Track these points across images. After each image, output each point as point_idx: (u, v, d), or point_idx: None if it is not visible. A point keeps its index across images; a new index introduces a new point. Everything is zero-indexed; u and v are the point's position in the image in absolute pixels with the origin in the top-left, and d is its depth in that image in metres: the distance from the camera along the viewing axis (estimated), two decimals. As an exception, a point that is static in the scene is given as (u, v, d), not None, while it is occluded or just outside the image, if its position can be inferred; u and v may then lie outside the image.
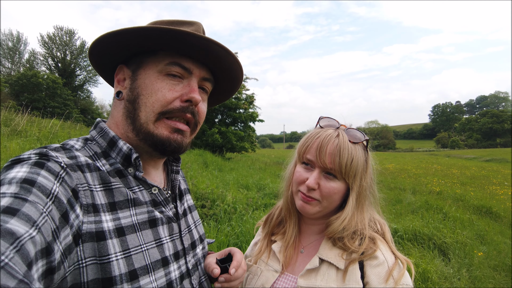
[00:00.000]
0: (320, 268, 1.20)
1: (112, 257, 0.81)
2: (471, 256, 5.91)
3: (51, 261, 0.67)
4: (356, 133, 1.26)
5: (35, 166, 0.77)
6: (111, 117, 1.08)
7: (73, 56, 52.04)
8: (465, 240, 6.69)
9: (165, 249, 0.97)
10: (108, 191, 0.90)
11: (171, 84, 0.99)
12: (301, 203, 1.26)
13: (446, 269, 5.30)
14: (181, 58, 0.99)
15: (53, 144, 0.92)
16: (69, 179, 0.81)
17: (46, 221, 0.68)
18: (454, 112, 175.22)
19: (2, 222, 0.59)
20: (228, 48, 1.01)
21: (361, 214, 1.26)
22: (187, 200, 1.25)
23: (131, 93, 1.00)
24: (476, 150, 77.43)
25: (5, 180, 0.71)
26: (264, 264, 1.36)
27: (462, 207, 10.09)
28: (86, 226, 0.80)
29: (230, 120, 24.70)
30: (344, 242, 1.20)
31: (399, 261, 1.15)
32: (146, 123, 0.97)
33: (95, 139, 1.03)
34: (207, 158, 15.74)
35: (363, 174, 1.25)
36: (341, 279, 1.14)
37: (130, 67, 1.04)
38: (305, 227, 1.38)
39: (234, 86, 1.23)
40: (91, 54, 1.06)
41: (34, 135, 10.41)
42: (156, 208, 1.01)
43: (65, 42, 51.30)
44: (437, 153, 70.06)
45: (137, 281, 0.84)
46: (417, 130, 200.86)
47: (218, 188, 8.56)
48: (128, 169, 0.99)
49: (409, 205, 9.78)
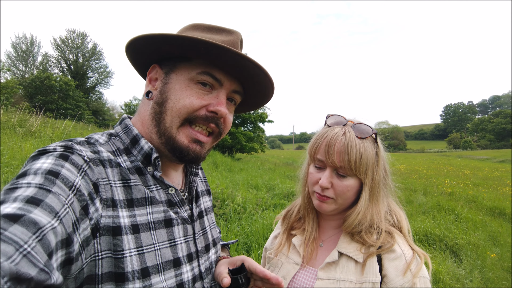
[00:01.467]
0: (339, 261, 1.24)
1: (126, 253, 0.83)
2: (484, 258, 5.82)
3: (70, 252, 0.69)
4: (363, 128, 1.26)
5: (60, 158, 0.79)
6: (137, 114, 1.10)
7: (85, 58, 52.71)
8: (477, 241, 6.59)
9: (178, 250, 0.98)
10: (127, 188, 0.91)
11: (201, 93, 0.99)
12: (317, 203, 1.29)
13: (458, 270, 5.24)
14: (214, 69, 1.00)
15: (78, 138, 0.94)
16: (91, 173, 0.83)
17: (68, 213, 0.70)
18: (466, 112, 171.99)
19: (26, 211, 0.61)
20: (261, 66, 1.01)
21: (376, 207, 1.27)
22: (203, 202, 1.24)
23: (160, 96, 1.01)
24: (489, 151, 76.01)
25: (31, 170, 0.73)
26: (284, 257, 1.39)
27: (474, 208, 9.93)
28: (104, 220, 0.82)
29: (240, 120, 24.72)
30: (362, 236, 1.23)
31: (416, 255, 1.17)
32: (170, 127, 0.98)
33: (119, 134, 1.05)
34: (217, 158, 15.78)
35: (375, 168, 1.25)
36: (360, 271, 1.18)
37: (164, 69, 1.05)
38: (323, 222, 1.42)
39: (263, 101, 1.23)
40: (127, 50, 1.07)
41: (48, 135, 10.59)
42: (171, 209, 1.02)
43: (77, 45, 52.01)
44: (449, 154, 68.91)
45: (149, 279, 0.86)
46: (428, 130, 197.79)
47: (228, 188, 8.59)
48: (148, 168, 1.01)
49: (420, 206, 9.65)
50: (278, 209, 7.65)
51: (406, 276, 1.11)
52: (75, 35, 51.82)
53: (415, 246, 1.22)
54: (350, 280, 1.17)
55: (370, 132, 1.25)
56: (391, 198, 1.36)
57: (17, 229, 0.57)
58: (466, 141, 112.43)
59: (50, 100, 35.67)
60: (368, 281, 1.14)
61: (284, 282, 1.28)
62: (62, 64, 52.05)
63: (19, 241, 0.56)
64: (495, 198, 11.70)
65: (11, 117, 11.37)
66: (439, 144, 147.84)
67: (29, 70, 49.56)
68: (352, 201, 1.29)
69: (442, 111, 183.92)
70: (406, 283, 1.10)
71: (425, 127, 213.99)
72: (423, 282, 1.11)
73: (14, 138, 8.82)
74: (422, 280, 1.12)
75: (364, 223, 1.24)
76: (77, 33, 51.90)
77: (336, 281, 1.19)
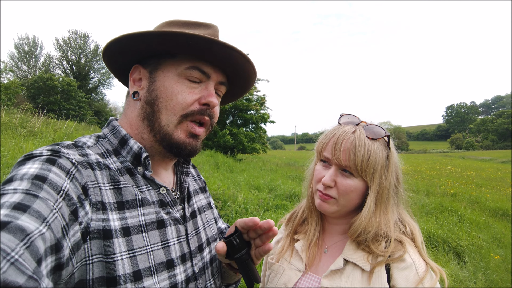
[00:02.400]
0: (345, 269, 1.17)
1: (117, 256, 0.82)
2: (488, 260, 5.77)
3: (60, 257, 0.68)
4: (375, 129, 1.21)
5: (47, 163, 0.78)
6: (124, 116, 1.09)
7: (87, 59, 52.86)
8: (481, 243, 6.55)
9: (171, 251, 0.97)
10: (117, 190, 0.90)
11: (191, 87, 1.00)
12: (318, 202, 1.24)
13: (462, 272, 5.20)
14: (200, 63, 1.01)
15: (65, 141, 0.93)
16: (79, 176, 0.82)
17: (56, 218, 0.68)
18: (469, 113, 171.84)
19: (13, 218, 0.59)
20: (247, 56, 1.02)
21: (385, 215, 1.20)
22: (196, 201, 1.23)
23: (149, 95, 1.01)
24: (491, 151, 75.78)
25: (17, 176, 0.72)
26: (286, 263, 1.33)
27: (477, 209, 9.88)
28: (94, 223, 0.80)
29: (241, 121, 24.72)
30: (368, 245, 1.16)
31: (430, 269, 1.10)
32: (167, 125, 0.99)
33: (107, 136, 1.04)
34: (218, 159, 15.78)
35: (384, 172, 1.19)
36: (367, 281, 1.11)
37: (147, 68, 1.04)
38: (328, 227, 1.36)
39: (246, 89, 1.25)
40: (105, 54, 1.06)
41: (50, 136, 10.61)
42: (163, 209, 1.01)
43: (80, 46, 52.18)
44: (451, 154, 68.70)
45: (141, 282, 0.84)
46: (430, 131, 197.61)
47: (230, 188, 8.57)
48: (138, 168, 1.00)
49: (423, 207, 9.61)
50: (280, 210, 7.63)
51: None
52: (77, 36, 51.98)
53: (429, 259, 1.14)
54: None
55: (382, 134, 1.20)
56: (403, 208, 1.29)
57: (4, 237, 0.55)
58: (469, 141, 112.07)
59: (52, 100, 35.78)
60: None
61: None
62: (65, 65, 52.27)
63: (6, 248, 0.54)
64: (499, 199, 11.63)
65: (13, 117, 11.40)
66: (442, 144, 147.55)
67: (32, 71, 49.74)
68: (356, 205, 1.23)
69: (444, 111, 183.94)
70: None
71: (427, 127, 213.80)
72: None
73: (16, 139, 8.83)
74: None
75: (370, 231, 1.16)
76: (79, 34, 52.07)
77: None
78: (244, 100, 23.23)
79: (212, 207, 1.37)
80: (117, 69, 1.15)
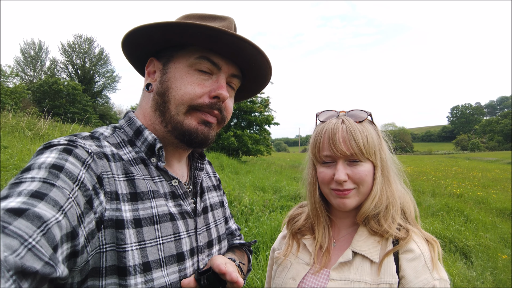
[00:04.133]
0: (354, 261, 1.17)
1: (128, 247, 0.83)
2: (495, 259, 5.72)
3: (76, 245, 0.70)
4: (358, 113, 1.24)
5: (64, 152, 0.80)
6: (139, 108, 1.11)
7: (92, 63, 53.27)
8: (488, 243, 6.50)
9: (182, 244, 0.97)
10: (131, 181, 0.91)
11: (201, 79, 1.00)
12: (338, 201, 1.20)
13: (469, 272, 5.16)
14: (210, 53, 1.00)
15: (83, 132, 0.95)
16: (95, 166, 0.84)
17: (72, 206, 0.70)
18: (474, 114, 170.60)
19: (31, 205, 0.61)
20: (258, 47, 1.00)
21: (390, 187, 1.23)
22: (209, 197, 1.23)
23: (160, 86, 1.02)
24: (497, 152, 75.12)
25: (35, 165, 0.74)
26: (294, 257, 1.32)
27: (484, 210, 9.80)
28: (108, 213, 0.82)
29: (246, 123, 24.73)
30: (379, 220, 1.18)
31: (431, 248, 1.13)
32: (176, 115, 0.99)
33: (122, 127, 1.06)
34: (223, 161, 15.80)
35: (381, 147, 1.23)
36: (376, 272, 1.11)
37: (161, 60, 1.05)
38: (337, 221, 1.34)
39: (262, 84, 1.23)
40: (123, 46, 1.08)
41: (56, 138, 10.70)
42: (174, 201, 1.01)
43: (84, 50, 52.62)
44: (457, 155, 68.27)
45: (150, 274, 0.86)
46: (435, 132, 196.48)
47: (235, 190, 8.58)
48: (151, 159, 1.01)
49: (429, 207, 9.56)
50: (285, 211, 7.62)
51: (425, 278, 1.05)
52: (82, 40, 52.47)
53: (424, 233, 1.19)
54: (365, 281, 1.10)
55: (365, 115, 1.23)
56: (398, 179, 1.31)
57: (22, 223, 0.57)
58: (474, 142, 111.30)
59: (57, 104, 36.05)
60: (385, 282, 1.07)
61: (294, 283, 1.24)
62: (70, 69, 52.76)
63: (24, 235, 0.56)
64: (505, 200, 11.53)
65: (20, 120, 11.51)
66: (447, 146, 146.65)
67: (37, 75, 50.20)
68: (370, 188, 1.22)
69: (449, 112, 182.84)
70: (426, 285, 1.03)
71: (432, 128, 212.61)
72: (443, 286, 1.05)
73: (23, 141, 8.92)
74: (442, 283, 1.05)
75: (380, 205, 1.19)
76: (84, 38, 52.55)
77: (350, 282, 1.12)
78: (248, 102, 23.23)
79: (224, 205, 1.36)
80: (136, 62, 1.17)
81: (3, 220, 0.56)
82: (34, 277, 0.54)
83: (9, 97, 20.66)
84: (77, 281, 0.77)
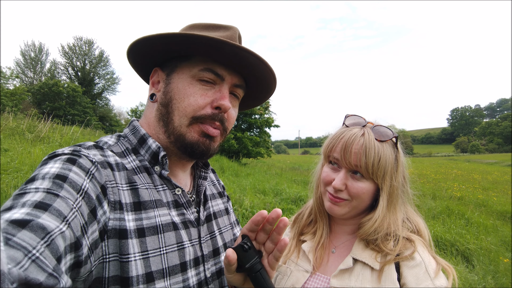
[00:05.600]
0: (354, 268, 1.16)
1: (131, 257, 0.83)
2: (497, 263, 5.71)
3: (79, 255, 0.69)
4: (383, 130, 1.21)
5: (68, 162, 0.80)
6: (144, 117, 1.11)
7: (92, 65, 53.39)
8: (489, 246, 6.48)
9: (185, 253, 0.97)
10: (134, 191, 0.91)
11: (203, 89, 0.99)
12: (329, 204, 1.22)
13: (471, 275, 5.15)
14: (214, 65, 1.00)
15: (87, 142, 0.95)
16: (98, 176, 0.84)
17: (76, 217, 0.70)
18: (474, 116, 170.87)
19: (34, 217, 0.61)
20: (262, 57, 1.00)
21: (394, 215, 1.20)
22: (213, 205, 1.22)
23: (164, 97, 1.02)
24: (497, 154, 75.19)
25: (39, 175, 0.74)
26: (294, 264, 1.31)
27: (485, 213, 9.79)
28: (112, 222, 0.82)
29: (246, 125, 24.76)
30: (378, 244, 1.15)
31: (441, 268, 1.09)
32: (179, 127, 0.99)
33: (127, 136, 1.06)
34: (223, 163, 15.80)
35: (394, 174, 1.19)
36: (376, 279, 1.10)
37: (165, 71, 1.06)
38: (336, 227, 1.34)
39: (267, 94, 1.22)
40: (129, 56, 1.08)
41: (57, 141, 10.69)
42: (177, 210, 1.01)
43: (85, 52, 52.75)
44: (457, 158, 68.25)
45: (153, 284, 0.85)
46: (435, 134, 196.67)
47: (236, 192, 8.58)
48: (155, 168, 1.01)
49: (429, 210, 9.54)
50: (286, 214, 7.60)
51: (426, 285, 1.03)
52: (82, 42, 52.60)
53: (438, 258, 1.13)
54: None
55: (390, 136, 1.20)
56: (409, 206, 1.29)
57: (26, 235, 0.57)
58: (474, 144, 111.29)
59: (57, 106, 36.10)
60: None
61: None
62: (70, 71, 52.86)
63: (28, 246, 0.55)
64: (506, 202, 11.52)
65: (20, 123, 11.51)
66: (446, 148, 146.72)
67: (38, 77, 50.25)
68: (366, 206, 1.22)
69: (449, 114, 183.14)
70: None
71: (432, 131, 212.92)
72: None
73: (24, 144, 8.91)
74: None
75: (380, 231, 1.17)
76: (84, 40, 52.67)
77: None
78: (248, 104, 23.23)
79: (229, 212, 1.35)
80: (143, 71, 1.17)
81: (7, 231, 0.55)
82: None
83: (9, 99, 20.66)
84: None
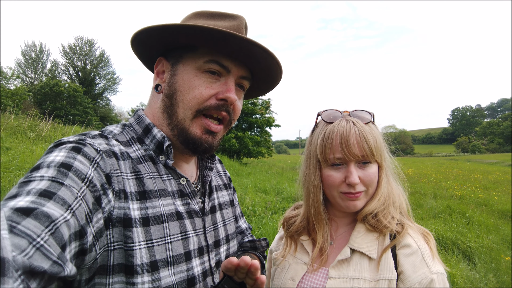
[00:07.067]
0: (352, 258, 1.17)
1: (136, 245, 0.83)
2: (498, 261, 5.70)
3: (84, 243, 0.70)
4: (363, 114, 1.25)
5: (72, 151, 0.80)
6: (148, 107, 1.11)
7: (93, 65, 53.47)
8: (490, 244, 6.48)
9: (190, 243, 0.97)
10: (139, 180, 0.91)
11: (209, 81, 0.99)
12: (349, 203, 1.20)
13: (472, 273, 5.15)
14: (220, 56, 0.99)
15: (92, 131, 0.95)
16: (103, 164, 0.84)
17: (80, 205, 0.71)
18: (475, 116, 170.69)
19: (39, 205, 0.61)
20: (268, 49, 0.99)
21: (390, 185, 1.26)
22: (218, 197, 1.23)
23: (169, 88, 1.01)
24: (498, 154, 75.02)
25: (44, 163, 0.74)
26: (292, 257, 1.31)
27: (486, 212, 9.77)
28: (116, 211, 0.82)
29: (247, 125, 24.77)
30: (379, 218, 1.18)
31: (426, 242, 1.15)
32: (183, 120, 0.99)
33: (132, 125, 1.06)
34: (224, 163, 15.76)
35: (384, 147, 1.25)
36: (374, 268, 1.11)
37: (170, 60, 1.05)
38: (335, 220, 1.34)
39: (272, 85, 1.23)
40: (133, 44, 1.07)
41: (58, 140, 10.72)
42: (182, 199, 1.01)
43: (85, 52, 52.83)
44: (457, 158, 68.19)
45: (157, 273, 0.86)
46: (436, 134, 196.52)
47: (237, 191, 8.57)
48: (160, 157, 1.01)
49: (431, 209, 9.54)
50: (287, 213, 7.61)
51: (423, 272, 1.06)
52: (83, 43, 52.68)
53: (417, 225, 1.22)
54: (365, 278, 1.11)
55: (370, 116, 1.25)
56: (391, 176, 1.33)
57: (30, 223, 0.57)
58: (475, 144, 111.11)
59: (58, 106, 36.16)
60: (384, 278, 1.08)
61: (293, 283, 1.23)
62: (71, 71, 52.96)
63: (32, 234, 0.56)
64: (507, 202, 11.48)
65: (22, 122, 11.53)
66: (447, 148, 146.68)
67: (38, 77, 50.33)
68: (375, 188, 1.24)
69: (449, 114, 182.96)
70: (424, 279, 1.04)
71: (433, 131, 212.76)
72: (441, 279, 1.06)
73: (25, 142, 8.94)
74: (440, 277, 1.06)
75: (383, 204, 1.21)
76: (85, 41, 52.76)
77: (350, 280, 1.12)
78: (249, 104, 23.27)
79: (234, 204, 1.36)
80: (147, 60, 1.16)
81: (12, 219, 0.56)
82: (42, 277, 0.54)
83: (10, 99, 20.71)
84: (85, 279, 0.78)
